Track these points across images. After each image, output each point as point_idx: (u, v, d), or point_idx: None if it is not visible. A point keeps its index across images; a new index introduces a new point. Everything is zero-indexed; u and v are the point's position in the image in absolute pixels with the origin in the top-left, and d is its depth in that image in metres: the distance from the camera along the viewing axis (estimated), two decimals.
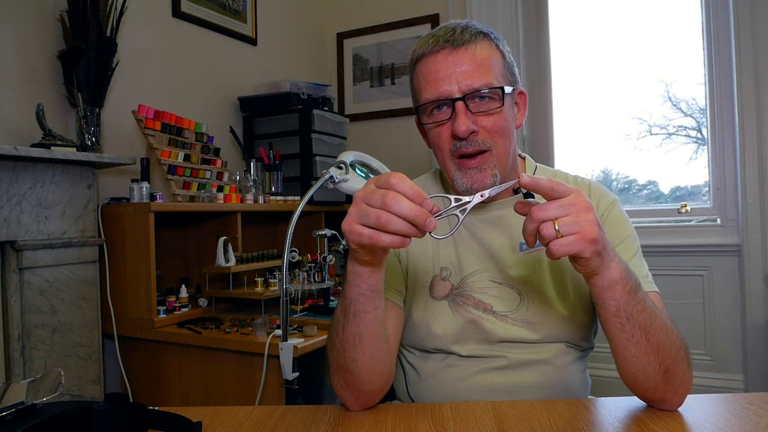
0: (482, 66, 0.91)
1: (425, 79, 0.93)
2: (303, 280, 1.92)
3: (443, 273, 1.01)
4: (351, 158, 1.49)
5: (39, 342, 1.56)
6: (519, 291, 0.98)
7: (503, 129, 0.93)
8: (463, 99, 0.90)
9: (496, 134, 0.92)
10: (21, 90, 1.72)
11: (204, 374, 1.74)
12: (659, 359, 0.78)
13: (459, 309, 0.99)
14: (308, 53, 3.10)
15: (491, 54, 0.93)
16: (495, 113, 0.92)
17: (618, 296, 0.76)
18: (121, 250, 1.80)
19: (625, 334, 0.78)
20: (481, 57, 0.91)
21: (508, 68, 0.96)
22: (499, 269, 0.99)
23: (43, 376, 0.74)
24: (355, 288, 0.79)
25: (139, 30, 2.10)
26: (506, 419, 0.78)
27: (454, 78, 0.90)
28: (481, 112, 0.91)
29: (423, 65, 0.94)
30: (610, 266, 0.75)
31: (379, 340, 0.85)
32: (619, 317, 0.77)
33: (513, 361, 0.97)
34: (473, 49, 0.91)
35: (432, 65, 0.92)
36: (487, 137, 0.92)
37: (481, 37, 0.93)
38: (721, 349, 2.47)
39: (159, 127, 2.03)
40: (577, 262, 0.74)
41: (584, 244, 0.70)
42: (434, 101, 0.92)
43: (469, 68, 0.90)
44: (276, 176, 2.40)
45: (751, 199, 2.37)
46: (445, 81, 0.90)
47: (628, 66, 2.71)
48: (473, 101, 0.91)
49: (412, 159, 2.90)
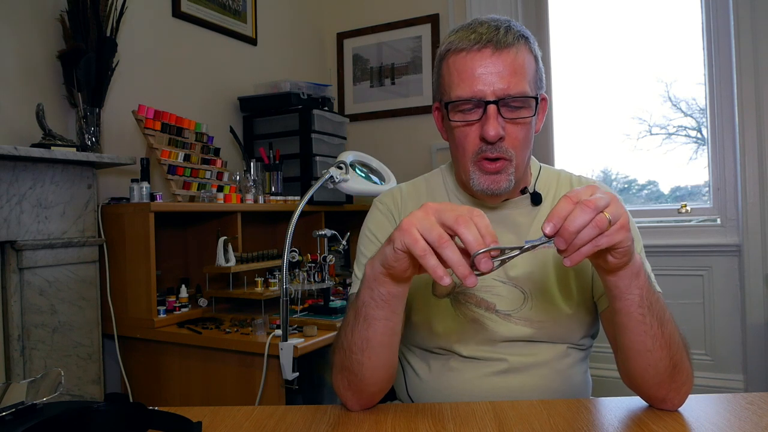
0: (519, 72, 0.89)
1: (459, 75, 0.90)
2: (303, 280, 1.92)
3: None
4: (351, 158, 1.49)
5: (39, 342, 1.56)
6: (523, 290, 0.98)
7: (527, 140, 0.94)
8: (497, 103, 0.88)
9: (519, 146, 0.92)
10: (21, 90, 1.72)
11: (204, 374, 1.74)
12: (670, 353, 0.78)
13: (461, 307, 0.99)
14: (308, 53, 3.10)
15: (528, 59, 0.92)
16: (522, 122, 0.91)
17: (642, 284, 0.75)
18: (121, 250, 1.80)
19: (645, 326, 0.77)
20: (520, 62, 0.90)
21: (539, 74, 0.95)
22: (504, 268, 0.99)
23: (43, 376, 0.74)
24: (368, 291, 0.78)
25: (139, 30, 2.10)
26: (506, 419, 0.78)
27: (491, 80, 0.88)
28: (511, 119, 0.90)
29: (459, 60, 0.91)
30: (634, 254, 0.73)
31: (389, 349, 0.84)
32: (642, 307, 0.76)
33: (514, 364, 0.97)
34: (514, 52, 0.89)
35: (470, 62, 0.89)
36: (510, 146, 0.91)
37: (522, 41, 0.91)
38: (721, 349, 2.47)
39: (159, 127, 2.03)
40: (612, 255, 0.70)
41: (625, 233, 0.68)
42: (466, 100, 0.90)
43: (507, 73, 0.88)
44: (276, 176, 2.40)
45: (751, 199, 2.37)
46: (481, 81, 0.88)
47: (628, 66, 2.71)
48: (505, 107, 0.89)
49: (412, 159, 2.90)
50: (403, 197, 1.08)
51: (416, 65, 2.97)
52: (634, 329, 0.78)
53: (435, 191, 1.08)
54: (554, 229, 0.65)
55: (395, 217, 1.05)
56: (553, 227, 0.65)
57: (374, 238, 1.05)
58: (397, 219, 1.05)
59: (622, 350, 0.83)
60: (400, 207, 1.06)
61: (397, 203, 1.07)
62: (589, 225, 0.64)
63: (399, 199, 1.07)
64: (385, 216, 1.06)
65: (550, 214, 0.66)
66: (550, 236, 0.65)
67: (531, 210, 1.01)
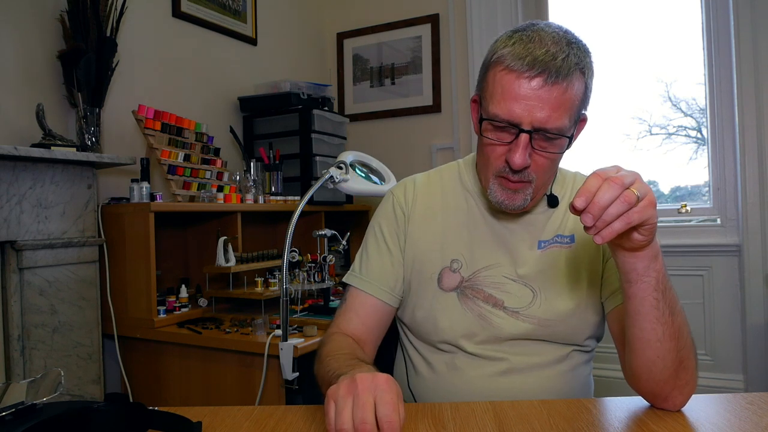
0: (563, 107, 0.85)
1: (503, 93, 0.86)
2: (303, 280, 1.92)
3: (453, 265, 1.01)
4: (351, 158, 1.49)
5: (39, 342, 1.56)
6: (532, 288, 0.98)
7: (551, 169, 0.94)
8: (531, 133, 0.86)
9: (542, 172, 0.92)
10: (21, 90, 1.72)
11: (204, 374, 1.74)
12: (678, 346, 0.79)
13: (468, 302, 0.99)
14: (308, 53, 3.10)
15: (578, 92, 0.87)
16: (550, 156, 0.90)
17: (659, 267, 0.76)
18: (121, 250, 1.80)
19: (657, 312, 0.77)
20: (567, 97, 0.85)
21: (587, 95, 0.91)
22: (515, 266, 0.99)
23: (43, 376, 0.74)
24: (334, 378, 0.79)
25: (139, 30, 2.10)
26: (506, 419, 0.78)
27: (532, 110, 0.84)
28: (540, 151, 0.89)
29: (507, 78, 0.86)
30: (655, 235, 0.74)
31: None
32: (657, 291, 0.76)
33: (517, 365, 0.97)
34: (564, 87, 0.85)
35: (517, 85, 0.85)
36: (533, 171, 0.90)
37: (578, 73, 0.86)
38: (721, 349, 2.47)
39: (159, 127, 2.03)
40: (639, 232, 0.70)
41: (652, 209, 0.68)
42: (501, 121, 0.87)
43: (550, 107, 0.84)
44: (276, 176, 2.40)
45: (751, 199, 2.37)
46: (521, 106, 0.85)
47: (628, 66, 2.71)
48: (538, 137, 0.87)
49: (412, 159, 2.90)
50: (416, 190, 1.07)
51: (416, 65, 2.97)
52: (646, 315, 0.78)
53: (448, 185, 1.07)
54: (585, 202, 0.66)
55: (404, 212, 1.06)
56: (584, 201, 0.66)
57: (379, 233, 1.06)
58: (406, 215, 1.06)
59: (630, 343, 0.83)
60: (411, 202, 1.06)
61: (408, 198, 1.07)
62: (617, 200, 0.65)
63: (411, 194, 1.07)
64: (394, 210, 1.07)
65: (580, 190, 0.67)
66: (580, 210, 0.67)
67: (547, 210, 1.02)
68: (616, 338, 0.94)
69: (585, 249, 0.99)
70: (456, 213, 1.04)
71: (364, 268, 1.05)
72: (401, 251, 1.04)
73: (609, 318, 0.98)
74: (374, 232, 1.07)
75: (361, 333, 1.00)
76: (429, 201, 1.06)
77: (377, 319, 1.02)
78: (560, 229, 1.00)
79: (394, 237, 1.05)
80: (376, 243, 1.06)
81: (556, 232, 1.00)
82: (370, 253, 1.06)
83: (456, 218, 1.03)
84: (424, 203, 1.06)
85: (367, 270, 1.04)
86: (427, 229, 1.04)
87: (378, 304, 1.02)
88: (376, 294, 1.02)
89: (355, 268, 1.07)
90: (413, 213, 1.05)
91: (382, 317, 1.03)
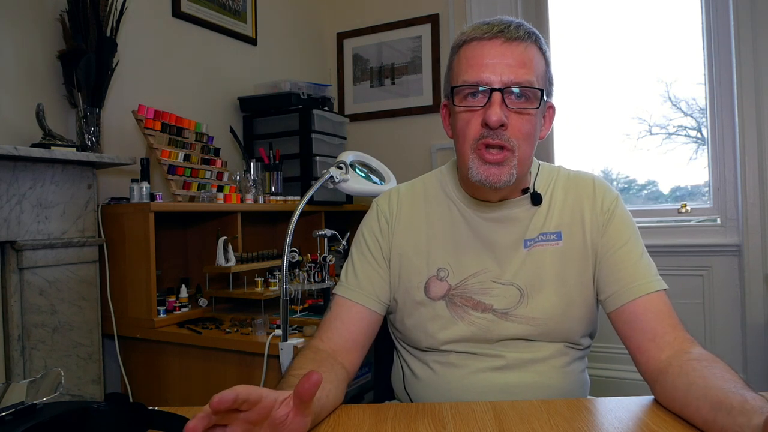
0: (527, 65, 0.90)
1: (468, 62, 0.92)
2: (303, 280, 1.92)
3: (440, 273, 1.01)
4: (351, 158, 1.49)
5: (39, 342, 1.56)
6: (519, 288, 0.98)
7: (530, 134, 0.93)
8: (502, 91, 0.89)
9: (522, 137, 0.91)
10: (21, 90, 1.72)
11: (204, 374, 1.74)
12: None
13: (457, 309, 0.99)
14: (308, 53, 3.10)
15: (537, 57, 0.93)
16: (527, 114, 0.91)
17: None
18: (121, 250, 1.80)
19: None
20: (529, 56, 0.91)
21: (548, 77, 0.96)
22: (502, 268, 0.99)
23: (43, 376, 0.74)
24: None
25: (139, 30, 2.10)
26: (506, 419, 0.78)
27: (499, 69, 0.89)
28: (515, 109, 0.90)
29: (469, 48, 0.93)
30: None
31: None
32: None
33: (511, 361, 0.97)
34: (524, 47, 0.91)
35: (479, 50, 0.91)
36: (513, 136, 0.91)
37: (533, 38, 0.93)
38: (721, 349, 2.47)
39: (159, 127, 2.03)
40: None
41: None
42: (472, 84, 0.90)
43: (515, 64, 0.89)
44: (276, 176, 2.40)
45: (751, 199, 2.37)
46: (489, 69, 0.89)
47: (628, 66, 2.71)
48: (510, 96, 0.90)
49: (412, 159, 2.90)
50: (400, 200, 1.08)
51: (416, 65, 2.97)
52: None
53: (431, 194, 1.07)
54: None
55: (388, 222, 1.06)
56: None
57: (364, 243, 1.07)
58: (390, 224, 1.06)
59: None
60: (395, 212, 1.07)
61: (392, 208, 1.07)
62: None
63: (395, 203, 1.08)
64: (378, 220, 1.07)
65: None
66: None
67: (530, 208, 1.01)
68: (625, 340, 0.93)
69: (572, 246, 0.99)
70: (440, 221, 1.04)
71: (350, 277, 1.05)
72: (386, 261, 1.04)
73: (613, 318, 0.96)
74: (359, 243, 1.08)
75: (345, 341, 0.99)
76: (413, 210, 1.06)
77: (363, 327, 1.01)
78: (545, 227, 1.00)
79: (378, 247, 1.05)
80: (361, 253, 1.06)
81: (541, 230, 1.00)
82: (356, 263, 1.06)
83: (440, 226, 1.03)
84: (408, 212, 1.06)
85: (352, 279, 1.04)
86: (411, 238, 1.04)
87: (363, 312, 1.01)
88: (361, 301, 1.01)
89: (342, 279, 1.07)
90: (398, 222, 1.05)
91: (368, 325, 1.02)
